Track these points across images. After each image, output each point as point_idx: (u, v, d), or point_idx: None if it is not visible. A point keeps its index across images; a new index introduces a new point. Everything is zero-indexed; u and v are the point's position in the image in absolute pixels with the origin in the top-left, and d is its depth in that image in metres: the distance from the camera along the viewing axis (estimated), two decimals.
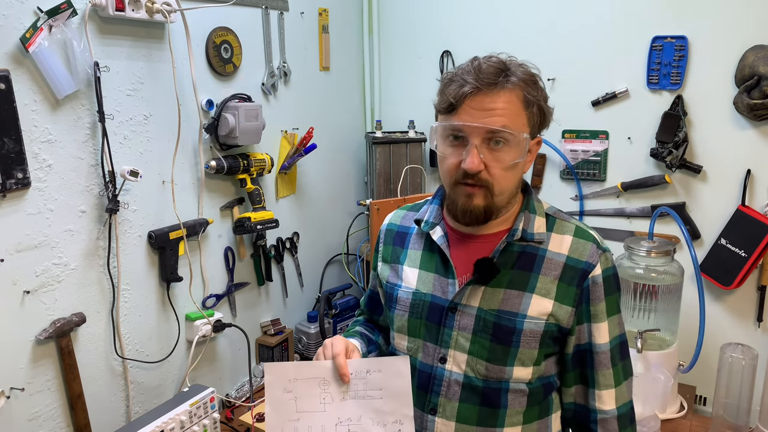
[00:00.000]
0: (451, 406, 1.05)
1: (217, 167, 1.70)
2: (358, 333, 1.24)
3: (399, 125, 2.42)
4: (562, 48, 2.02)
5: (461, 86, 0.98)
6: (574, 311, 1.03)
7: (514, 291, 1.03)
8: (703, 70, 1.82)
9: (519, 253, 1.05)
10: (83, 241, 1.41)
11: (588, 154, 2.05)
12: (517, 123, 0.99)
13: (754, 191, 1.81)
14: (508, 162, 0.99)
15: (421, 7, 2.32)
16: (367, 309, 1.33)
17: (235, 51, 1.77)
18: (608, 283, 1.04)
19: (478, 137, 0.98)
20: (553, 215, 1.09)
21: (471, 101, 0.98)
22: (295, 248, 2.15)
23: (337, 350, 1.02)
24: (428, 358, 1.08)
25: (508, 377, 1.03)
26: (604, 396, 1.06)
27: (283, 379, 1.02)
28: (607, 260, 1.05)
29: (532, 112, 1.00)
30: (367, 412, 1.01)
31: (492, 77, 0.97)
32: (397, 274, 1.15)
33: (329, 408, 1.01)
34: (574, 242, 1.05)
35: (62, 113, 1.33)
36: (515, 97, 0.98)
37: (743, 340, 1.78)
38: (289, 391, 1.02)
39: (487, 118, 0.97)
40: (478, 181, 0.99)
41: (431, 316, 1.08)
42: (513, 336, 1.01)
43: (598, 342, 1.04)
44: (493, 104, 0.97)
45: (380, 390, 1.01)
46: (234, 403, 1.86)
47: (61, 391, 1.40)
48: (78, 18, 1.33)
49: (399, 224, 1.22)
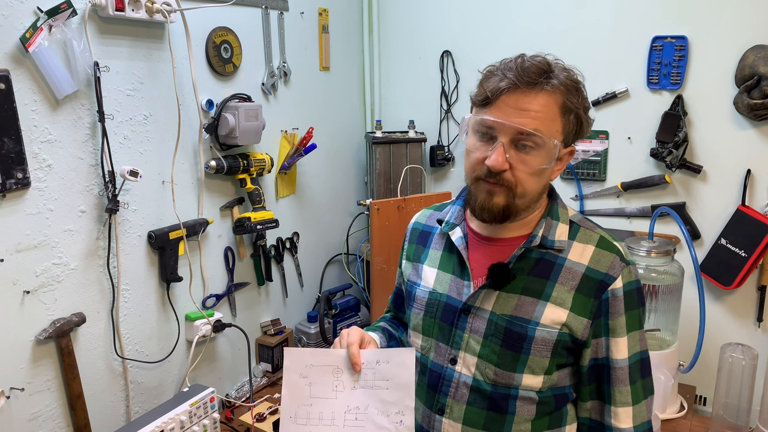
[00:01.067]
0: (459, 408, 1.05)
1: (217, 167, 1.70)
2: (380, 328, 1.26)
3: (399, 125, 2.42)
4: (562, 48, 2.00)
5: (500, 81, 0.95)
6: (591, 323, 1.00)
7: (529, 298, 1.01)
8: (703, 70, 1.82)
9: (537, 260, 1.03)
10: (83, 241, 1.41)
11: (588, 154, 2.05)
12: (551, 128, 0.95)
13: (754, 191, 1.81)
14: (535, 167, 0.96)
15: (421, 7, 2.32)
16: (393, 306, 1.34)
17: (235, 51, 1.77)
18: (630, 298, 1.01)
19: (507, 136, 0.95)
20: (577, 223, 1.06)
21: (507, 98, 0.95)
22: (295, 248, 2.15)
23: (352, 340, 1.04)
24: (439, 358, 1.08)
25: (516, 384, 1.01)
26: (621, 414, 1.02)
27: (300, 364, 1.05)
28: (631, 274, 1.01)
29: (569, 119, 0.97)
30: (373, 402, 1.02)
31: (533, 76, 0.94)
32: (417, 273, 1.16)
33: (340, 396, 1.03)
34: (596, 253, 1.01)
35: (62, 113, 1.33)
36: (553, 101, 0.95)
37: (743, 340, 1.79)
38: (305, 376, 1.05)
39: (520, 119, 0.93)
40: (501, 180, 0.97)
41: (445, 317, 1.08)
42: (524, 343, 1.00)
43: (616, 357, 1.01)
44: (529, 105, 0.94)
45: (387, 380, 1.02)
46: (234, 403, 1.85)
47: (61, 391, 1.40)
48: (78, 18, 1.33)
49: (424, 224, 1.22)
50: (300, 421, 1.03)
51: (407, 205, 2.08)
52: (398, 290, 1.30)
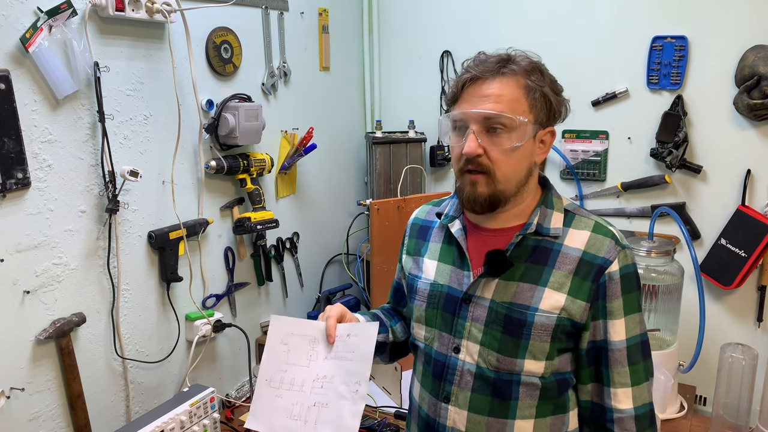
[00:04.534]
0: (464, 395, 1.07)
1: (217, 167, 1.70)
2: (372, 314, 1.29)
3: (399, 125, 2.42)
4: (562, 48, 2.02)
5: (463, 76, 1.03)
6: (589, 306, 1.02)
7: (527, 284, 1.03)
8: (703, 70, 1.82)
9: (534, 247, 1.05)
10: (83, 241, 1.41)
11: (588, 154, 2.05)
12: (516, 108, 0.99)
13: (754, 191, 1.81)
14: (507, 146, 1.00)
15: (421, 7, 2.32)
16: (392, 300, 1.36)
17: (235, 51, 1.77)
18: (627, 281, 1.03)
19: (476, 123, 1.00)
20: (572, 211, 1.09)
21: (470, 89, 1.02)
22: (295, 248, 2.15)
23: (331, 314, 1.12)
24: (443, 348, 1.10)
25: (519, 370, 1.03)
26: (620, 394, 1.04)
27: (282, 331, 1.13)
28: (627, 257, 1.04)
29: (535, 98, 1.01)
30: (339, 372, 1.08)
31: (492, 65, 1.01)
32: (418, 266, 1.19)
33: (312, 365, 1.10)
34: (592, 237, 1.04)
35: (62, 113, 1.33)
36: (514, 82, 1.00)
37: (743, 340, 1.79)
38: (285, 343, 1.12)
39: (484, 104, 0.99)
40: (479, 166, 1.01)
41: (447, 307, 1.10)
42: (524, 329, 1.02)
43: (614, 339, 1.03)
44: (490, 90, 1.00)
45: (352, 353, 1.08)
46: (234, 403, 1.86)
47: (61, 391, 1.40)
48: (78, 18, 1.33)
49: (423, 218, 1.25)
50: (273, 385, 1.11)
51: (407, 205, 2.08)
52: (398, 284, 1.33)
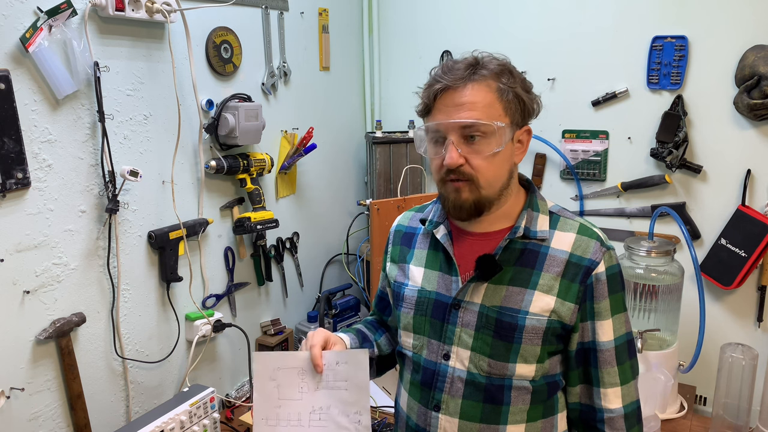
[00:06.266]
0: (455, 402, 1.06)
1: (217, 167, 1.70)
2: (355, 330, 1.26)
3: (399, 125, 2.42)
4: (562, 48, 2.02)
5: (433, 86, 1.02)
6: (578, 308, 1.03)
7: (516, 288, 1.03)
8: (703, 70, 1.82)
9: (521, 251, 1.05)
10: (83, 241, 1.41)
11: (588, 154, 2.05)
12: (491, 114, 0.99)
13: (754, 191, 1.81)
14: (487, 152, 1.00)
15: (421, 7, 2.32)
16: (377, 309, 1.34)
17: (235, 51, 1.77)
18: (612, 281, 1.04)
19: (454, 133, 1.00)
20: (557, 213, 1.09)
21: (442, 99, 1.01)
22: (295, 248, 2.15)
23: (314, 342, 1.08)
24: (432, 355, 1.09)
25: (510, 374, 1.03)
26: (610, 394, 1.05)
27: (268, 368, 1.10)
28: (611, 258, 1.05)
29: (508, 100, 1.00)
30: (335, 402, 1.07)
31: (461, 72, 0.99)
32: (404, 273, 1.17)
33: (305, 397, 1.08)
34: (578, 239, 1.04)
35: (62, 113, 1.33)
36: (486, 87, 0.99)
37: (743, 340, 1.79)
38: (273, 379, 1.09)
39: (459, 113, 0.99)
40: (462, 175, 1.01)
41: (435, 313, 1.09)
42: (515, 332, 1.02)
43: (602, 340, 1.04)
44: (464, 98, 0.99)
45: (346, 381, 1.07)
46: (234, 403, 1.86)
47: (61, 391, 1.40)
48: (78, 18, 1.33)
49: (407, 225, 1.24)
50: (271, 423, 1.08)
51: (407, 205, 2.08)
52: (382, 293, 1.31)
